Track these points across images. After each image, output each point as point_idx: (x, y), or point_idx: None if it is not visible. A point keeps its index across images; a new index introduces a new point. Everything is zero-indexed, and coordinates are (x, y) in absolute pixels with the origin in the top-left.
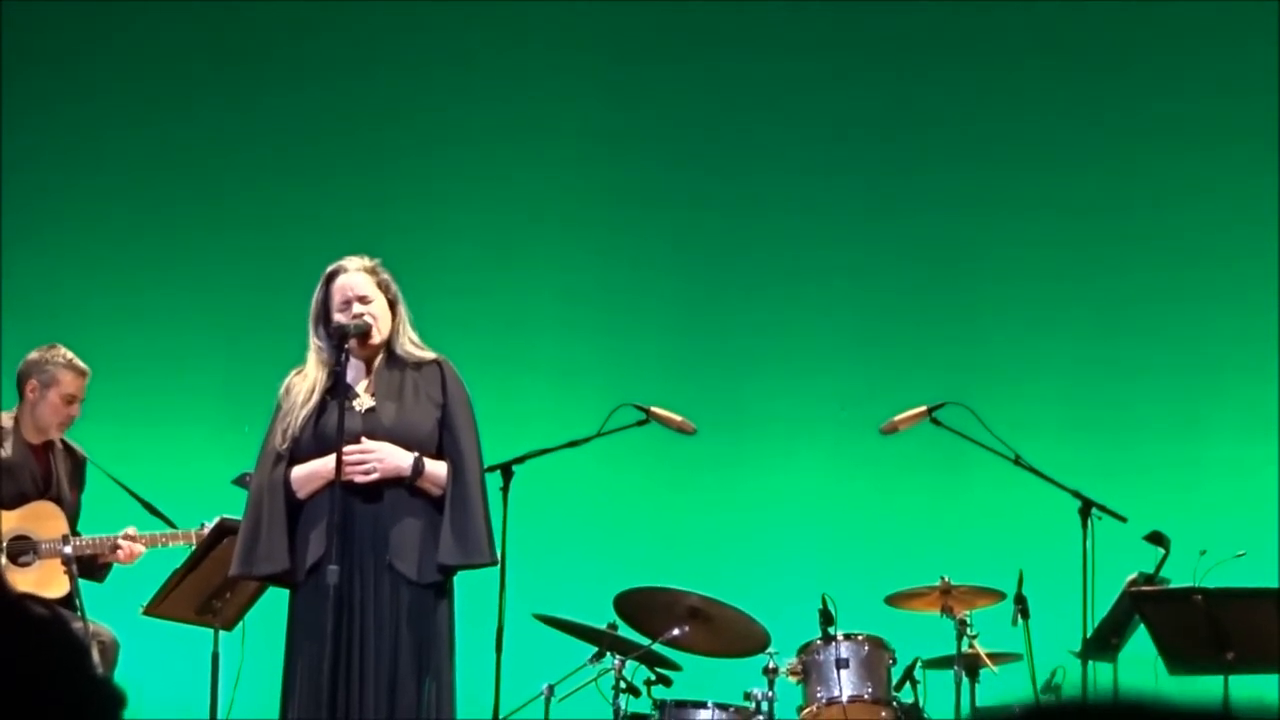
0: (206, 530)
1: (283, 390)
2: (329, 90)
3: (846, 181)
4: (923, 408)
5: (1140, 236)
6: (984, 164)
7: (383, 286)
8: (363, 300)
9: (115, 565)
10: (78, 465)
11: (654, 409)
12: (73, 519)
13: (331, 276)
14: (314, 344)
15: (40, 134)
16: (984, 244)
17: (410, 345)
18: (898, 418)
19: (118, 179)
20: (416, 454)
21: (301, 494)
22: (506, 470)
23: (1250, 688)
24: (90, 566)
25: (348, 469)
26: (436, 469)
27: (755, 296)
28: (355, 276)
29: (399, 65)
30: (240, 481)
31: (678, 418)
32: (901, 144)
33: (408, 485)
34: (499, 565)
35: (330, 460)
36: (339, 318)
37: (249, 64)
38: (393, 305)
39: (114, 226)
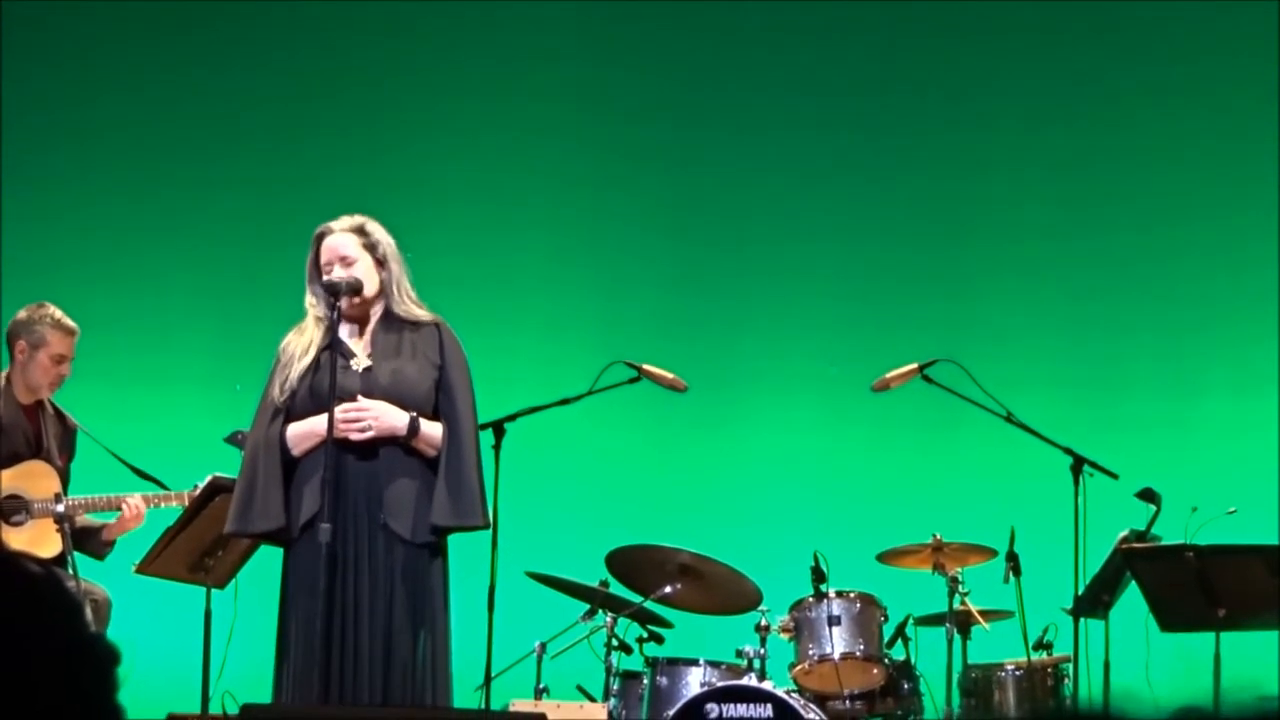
0: (198, 490)
1: (281, 346)
2: (319, 50)
3: (838, 139)
4: (914, 365)
5: (1132, 193)
6: (976, 122)
7: (369, 247)
8: (344, 261)
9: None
10: (68, 433)
11: (646, 366)
12: (62, 486)
13: (319, 237)
14: (310, 302)
15: (34, 95)
16: (976, 201)
17: (409, 304)
18: (889, 375)
19: (110, 139)
20: (413, 413)
21: (296, 451)
22: (498, 428)
23: (1241, 644)
24: (94, 542)
25: (343, 426)
26: (432, 430)
27: (747, 254)
28: (339, 238)
29: (388, 25)
30: (232, 440)
31: (669, 375)
32: (894, 102)
33: (403, 445)
34: (493, 518)
35: (324, 418)
36: (327, 278)
37: (239, 25)
38: (382, 264)
39: (106, 186)
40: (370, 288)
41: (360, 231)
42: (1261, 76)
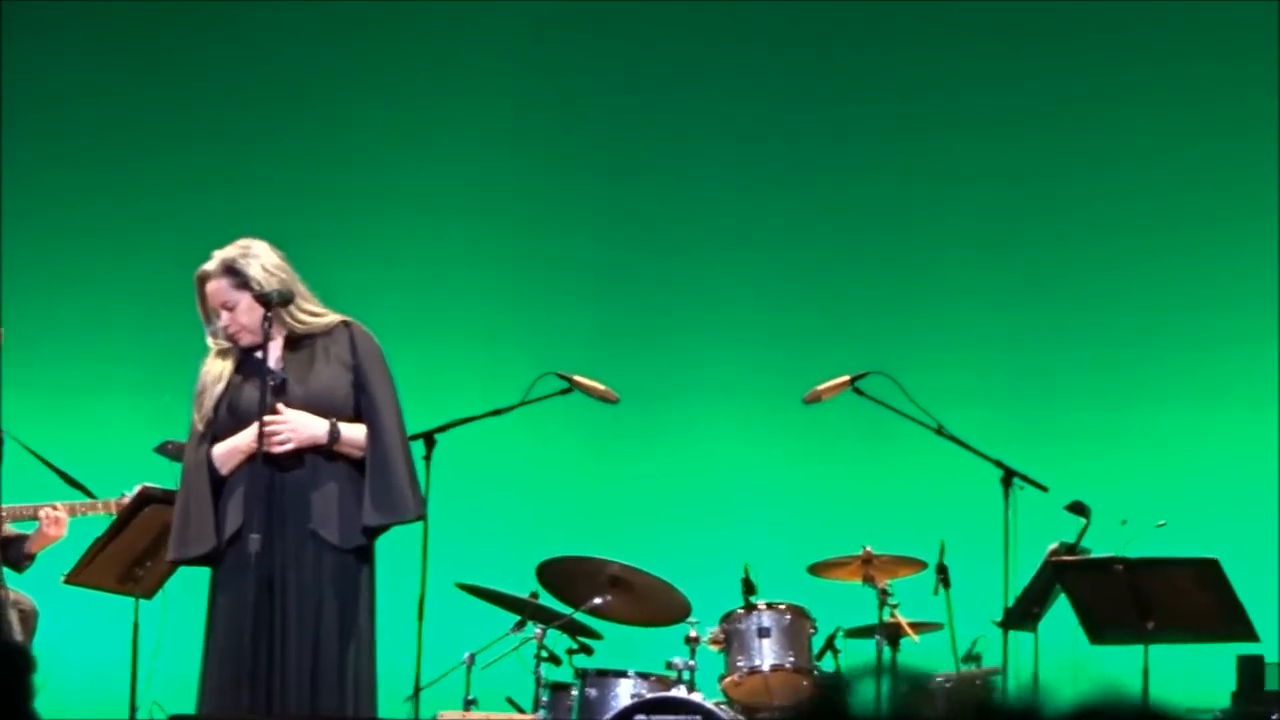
0: (127, 499)
1: (201, 371)
2: (258, 58)
3: (771, 149)
4: (845, 377)
5: (1062, 205)
6: (909, 132)
7: (243, 286)
8: (225, 307)
9: (38, 555)
10: None
11: (577, 378)
12: None
13: (200, 282)
14: (209, 342)
15: None
16: (908, 212)
17: (307, 317)
18: (820, 387)
19: (45, 147)
20: (331, 420)
21: (224, 470)
22: (429, 439)
23: (1170, 656)
24: (15, 554)
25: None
26: (354, 433)
27: (680, 265)
28: (213, 286)
29: (327, 34)
30: (162, 449)
31: (601, 386)
32: (827, 111)
33: (327, 452)
34: (423, 527)
35: (247, 434)
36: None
37: (182, 33)
38: (264, 299)
39: (37, 193)
40: (253, 325)
41: (230, 272)
42: (1202, 89)
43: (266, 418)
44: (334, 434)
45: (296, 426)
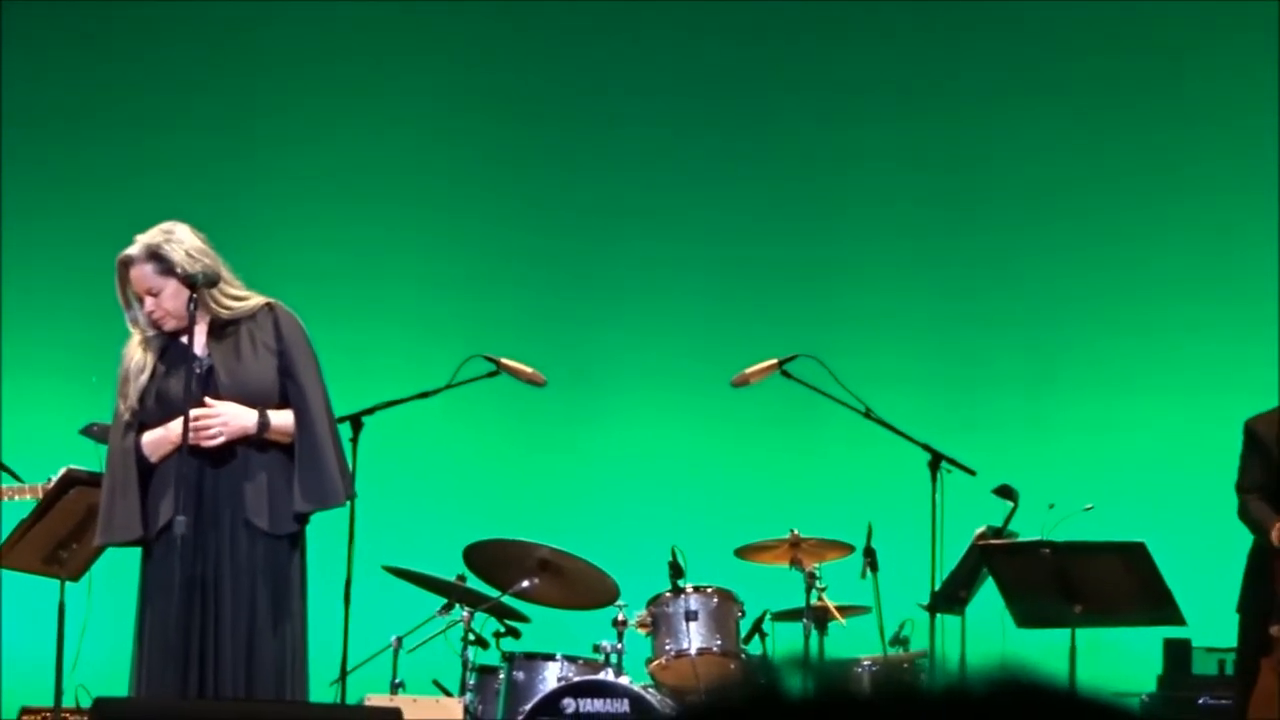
0: (53, 483)
1: (123, 361)
2: (188, 41)
3: (701, 137)
4: (773, 360)
5: (991, 193)
6: (840, 119)
7: (168, 272)
8: (150, 293)
9: None
10: None
11: (504, 360)
12: None
13: (124, 266)
14: (131, 329)
15: None
16: (838, 199)
17: (231, 302)
18: (748, 370)
19: None
20: (260, 409)
21: (153, 459)
22: (356, 421)
23: (1096, 639)
24: None
25: (193, 436)
26: (283, 420)
27: (609, 250)
28: (136, 272)
29: (263, 17)
30: (87, 431)
31: (528, 369)
32: (756, 99)
33: (257, 441)
34: (350, 510)
35: (177, 423)
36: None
37: (112, 14)
38: (190, 280)
39: None
40: (177, 310)
41: (154, 258)
42: (1119, 79)
43: (195, 411)
44: (263, 424)
45: (227, 419)
